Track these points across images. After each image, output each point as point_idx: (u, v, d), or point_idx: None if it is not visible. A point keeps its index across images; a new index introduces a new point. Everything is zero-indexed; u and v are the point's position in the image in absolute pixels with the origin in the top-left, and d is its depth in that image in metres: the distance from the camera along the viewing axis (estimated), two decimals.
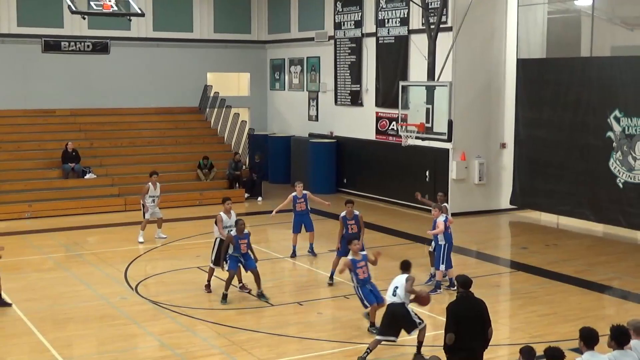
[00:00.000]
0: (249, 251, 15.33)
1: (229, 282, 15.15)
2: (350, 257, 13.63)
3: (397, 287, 12.07)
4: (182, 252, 19.63)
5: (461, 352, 9.85)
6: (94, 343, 13.16)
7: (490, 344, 10.13)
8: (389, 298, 12.14)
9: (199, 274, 17.21)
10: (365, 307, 13.39)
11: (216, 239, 15.98)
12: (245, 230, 15.44)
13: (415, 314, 12.12)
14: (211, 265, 15.89)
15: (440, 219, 15.61)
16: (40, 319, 14.04)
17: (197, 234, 21.60)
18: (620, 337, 9.28)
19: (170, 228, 22.24)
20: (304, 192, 19.16)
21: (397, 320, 11.96)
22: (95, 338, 13.39)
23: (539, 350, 8.97)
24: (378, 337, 12.10)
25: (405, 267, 12.47)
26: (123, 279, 16.75)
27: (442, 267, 15.73)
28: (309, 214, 19.19)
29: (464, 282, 10.32)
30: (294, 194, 19.07)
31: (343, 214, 16.70)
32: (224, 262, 15.32)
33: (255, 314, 14.45)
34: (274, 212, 19.18)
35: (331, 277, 16.52)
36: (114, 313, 14.59)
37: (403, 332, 11.99)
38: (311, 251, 19.15)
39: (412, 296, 12.15)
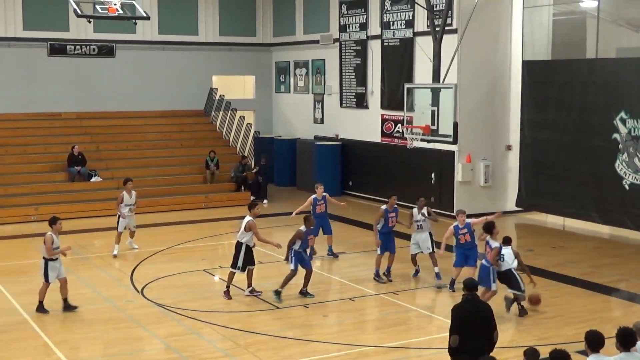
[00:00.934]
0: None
1: (286, 281, 15.48)
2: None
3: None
4: (188, 254, 19.64)
5: (465, 355, 9.82)
6: (100, 346, 13.19)
7: (495, 346, 10.11)
8: None
9: (204, 277, 17.25)
10: None
11: (241, 244, 15.49)
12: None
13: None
14: (234, 270, 15.46)
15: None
16: (46, 322, 14.08)
17: (202, 237, 21.61)
18: (626, 339, 9.26)
19: (175, 231, 22.33)
20: (324, 194, 19.01)
21: None
22: (101, 341, 13.42)
23: (545, 352, 8.97)
24: None
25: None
26: (129, 282, 16.77)
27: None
28: (328, 217, 19.12)
29: (470, 285, 10.32)
30: (314, 196, 18.94)
31: (384, 207, 16.98)
32: (289, 259, 15.63)
33: (261, 317, 14.45)
34: (294, 214, 19.27)
35: (377, 275, 16.85)
36: (119, 316, 14.61)
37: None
38: (331, 253, 19.15)
39: None
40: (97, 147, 27.73)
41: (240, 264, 15.40)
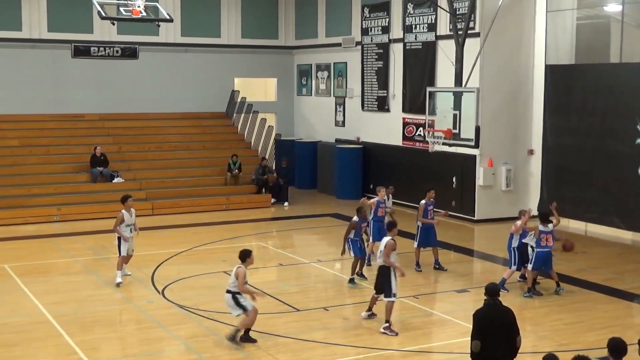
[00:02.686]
0: (366, 234, 17.45)
1: (354, 267, 16.79)
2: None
3: None
4: (209, 256, 19.70)
5: None
6: (121, 346, 13.24)
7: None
8: None
9: (225, 279, 17.21)
10: None
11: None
12: (366, 217, 17.30)
13: None
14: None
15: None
16: (67, 321, 14.13)
17: (223, 239, 21.65)
18: None
19: (196, 232, 22.39)
20: (385, 197, 18.83)
21: None
22: (122, 341, 13.48)
23: (566, 359, 8.90)
24: None
25: None
26: (150, 283, 16.82)
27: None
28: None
29: (492, 290, 10.25)
30: (376, 198, 18.74)
31: (423, 201, 17.87)
32: (347, 249, 16.88)
33: (281, 319, 14.45)
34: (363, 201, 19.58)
35: (417, 265, 17.84)
36: (140, 317, 14.67)
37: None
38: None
39: None
40: (119, 148, 27.88)
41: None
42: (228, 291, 13.03)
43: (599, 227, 22.60)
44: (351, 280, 16.79)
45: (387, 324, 13.55)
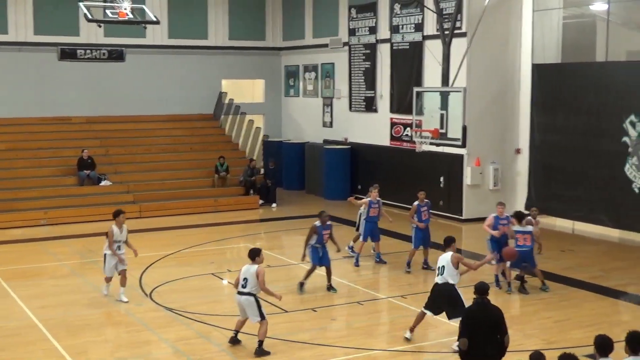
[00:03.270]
0: (332, 242, 16.46)
1: (309, 273, 16.22)
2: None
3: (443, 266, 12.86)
4: (197, 258, 19.65)
5: (475, 359, 9.81)
6: (109, 350, 13.19)
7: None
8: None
9: (213, 281, 17.24)
10: None
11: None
12: (328, 222, 16.21)
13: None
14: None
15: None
16: (54, 325, 14.07)
17: (211, 241, 21.62)
18: (635, 344, 9.20)
19: (184, 235, 22.34)
20: (378, 198, 18.81)
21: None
22: (110, 345, 13.43)
23: (553, 356, 8.91)
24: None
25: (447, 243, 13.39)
26: (138, 286, 16.77)
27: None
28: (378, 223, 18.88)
29: (481, 289, 10.28)
30: (369, 198, 18.73)
31: (416, 202, 17.86)
32: (304, 256, 16.31)
33: (270, 321, 14.30)
34: (350, 200, 20.25)
35: (408, 265, 17.71)
36: (128, 320, 14.62)
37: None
38: (380, 260, 18.89)
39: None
40: (106, 151, 27.81)
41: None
42: (249, 294, 12.48)
43: (586, 225, 22.69)
44: (301, 286, 16.23)
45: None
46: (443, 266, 12.94)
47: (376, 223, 18.68)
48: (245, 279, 12.53)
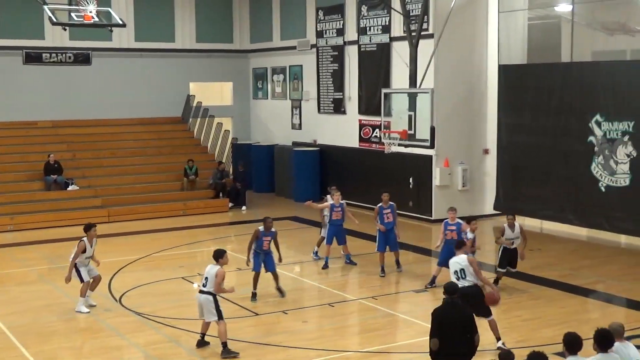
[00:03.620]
0: (276, 249, 16.08)
1: (255, 281, 15.81)
2: None
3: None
4: (166, 262, 19.57)
5: (446, 358, 9.86)
6: (78, 356, 13.10)
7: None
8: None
9: (182, 285, 17.17)
10: None
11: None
12: (273, 229, 15.88)
13: None
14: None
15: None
16: (23, 332, 13.94)
17: (180, 244, 21.54)
18: (603, 341, 9.31)
19: (153, 239, 22.24)
20: (342, 201, 18.65)
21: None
22: (80, 351, 13.33)
23: (522, 355, 8.99)
24: None
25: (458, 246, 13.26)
26: (107, 291, 16.65)
27: None
28: (343, 225, 18.73)
29: (450, 289, 10.34)
30: (331, 202, 18.64)
31: (380, 204, 17.65)
32: (249, 260, 15.77)
33: (240, 324, 14.38)
34: (306, 203, 20.06)
35: (382, 271, 17.54)
36: (98, 325, 14.52)
37: None
38: (349, 261, 18.88)
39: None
40: (73, 155, 27.56)
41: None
42: (209, 292, 12.61)
43: (554, 224, 22.92)
44: (253, 296, 15.83)
45: (499, 341, 12.83)
46: (462, 269, 12.69)
47: (340, 226, 18.59)
48: (206, 278, 12.69)
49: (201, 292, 12.78)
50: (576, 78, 21.66)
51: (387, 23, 25.39)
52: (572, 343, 9.27)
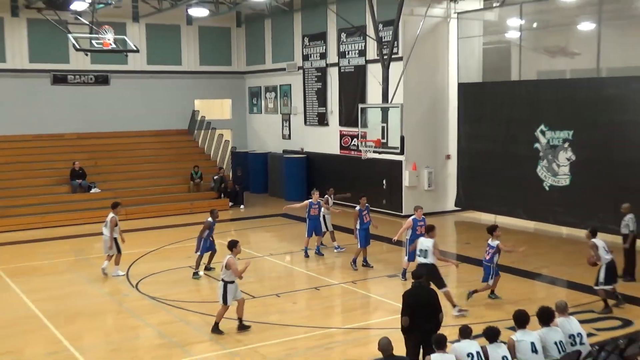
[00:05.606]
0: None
1: (198, 262, 16.77)
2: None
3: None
4: (175, 254, 19.51)
5: (415, 333, 9.93)
6: (101, 334, 13.08)
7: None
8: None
9: (189, 273, 17.15)
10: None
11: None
12: (217, 218, 17.25)
13: None
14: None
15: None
16: (52, 315, 13.92)
17: (187, 238, 21.46)
18: (545, 317, 9.46)
19: (164, 234, 22.18)
20: (319, 199, 18.81)
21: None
22: (102, 330, 13.31)
23: (479, 329, 9.08)
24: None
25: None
26: (125, 279, 16.64)
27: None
28: (320, 220, 18.80)
29: (418, 274, 10.43)
30: (310, 200, 18.74)
31: (357, 207, 17.24)
32: (199, 248, 16.75)
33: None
34: (284, 208, 20.13)
35: (354, 262, 17.18)
36: (117, 308, 14.52)
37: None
38: (319, 252, 18.90)
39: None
40: (95, 162, 27.46)
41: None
42: (222, 280, 12.59)
43: (506, 218, 23.00)
44: (196, 275, 16.63)
45: (456, 307, 13.43)
46: (426, 249, 13.43)
47: (317, 220, 18.65)
48: (223, 267, 12.64)
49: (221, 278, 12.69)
50: (524, 94, 21.78)
51: (362, 48, 25.46)
52: (521, 318, 9.41)
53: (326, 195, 19.49)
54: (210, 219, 16.87)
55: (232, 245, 12.73)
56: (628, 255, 15.80)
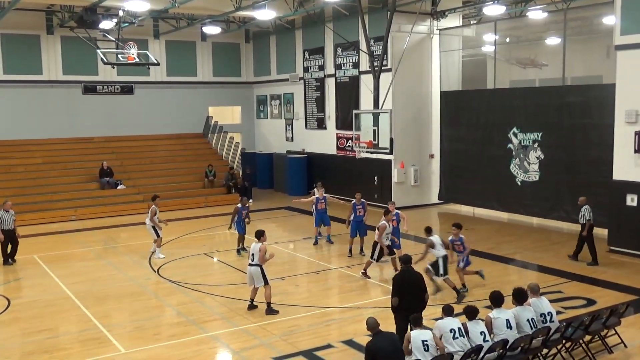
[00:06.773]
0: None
1: (239, 241, 17.25)
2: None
3: None
4: (192, 242, 19.47)
5: (404, 312, 9.91)
6: (126, 314, 13.04)
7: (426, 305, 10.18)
8: None
9: (205, 259, 17.12)
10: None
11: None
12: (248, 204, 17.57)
13: None
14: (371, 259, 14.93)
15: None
16: (83, 297, 13.89)
17: (202, 229, 21.48)
18: (519, 297, 9.41)
19: (182, 225, 22.11)
20: (325, 195, 18.68)
21: None
22: (127, 310, 13.26)
23: (459, 308, 9.03)
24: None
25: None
26: (148, 265, 16.59)
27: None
28: (327, 213, 18.65)
29: (406, 260, 10.39)
30: (316, 195, 18.57)
31: (354, 201, 17.16)
32: (232, 226, 17.42)
33: (249, 288, 14.33)
34: (293, 201, 20.18)
35: (350, 252, 17.00)
36: (141, 290, 14.46)
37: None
38: (329, 240, 18.73)
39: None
40: (121, 162, 27.41)
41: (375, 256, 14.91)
42: (256, 264, 12.36)
43: (483, 210, 23.02)
44: (238, 251, 17.25)
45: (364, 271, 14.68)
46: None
47: (325, 213, 18.59)
48: (252, 254, 12.53)
49: (250, 265, 12.52)
50: (498, 100, 21.76)
51: (356, 60, 25.40)
52: (497, 298, 9.37)
53: (315, 189, 19.36)
54: (239, 204, 17.39)
55: (260, 235, 12.76)
56: (581, 241, 15.98)
